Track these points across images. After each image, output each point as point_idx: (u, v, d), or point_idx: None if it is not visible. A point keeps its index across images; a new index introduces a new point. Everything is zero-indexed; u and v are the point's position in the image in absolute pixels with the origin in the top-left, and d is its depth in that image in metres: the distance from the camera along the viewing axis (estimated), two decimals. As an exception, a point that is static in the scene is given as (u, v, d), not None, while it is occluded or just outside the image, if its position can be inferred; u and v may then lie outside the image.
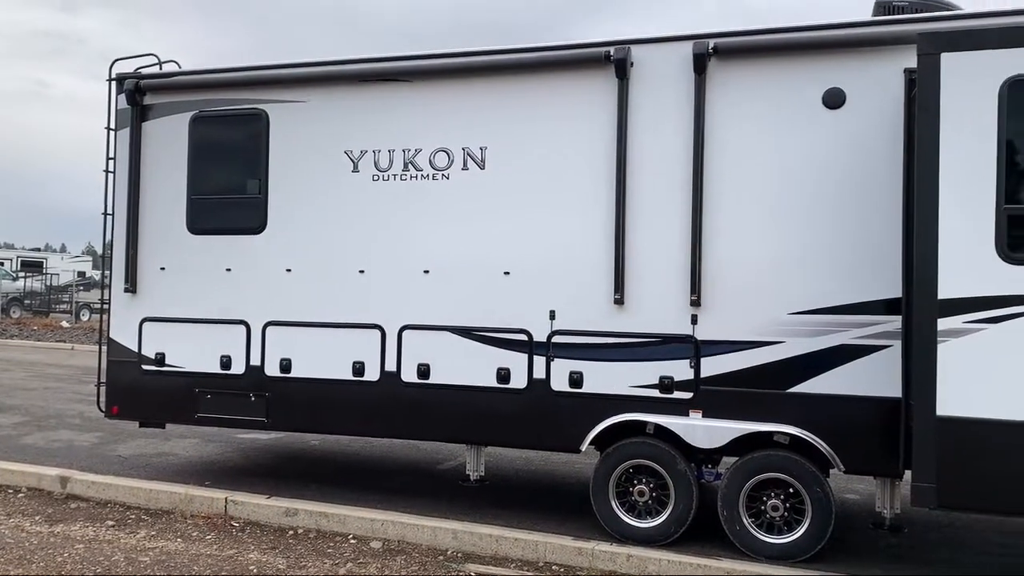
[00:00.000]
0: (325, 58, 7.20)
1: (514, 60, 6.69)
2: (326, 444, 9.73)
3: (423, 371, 6.78)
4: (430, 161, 6.84)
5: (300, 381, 7.15)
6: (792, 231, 5.95)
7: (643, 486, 6.24)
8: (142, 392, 7.66)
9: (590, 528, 6.38)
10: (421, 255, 6.83)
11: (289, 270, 7.22)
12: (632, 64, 6.31)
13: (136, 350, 7.63)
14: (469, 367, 6.66)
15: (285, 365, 7.18)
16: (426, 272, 6.81)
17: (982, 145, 4.96)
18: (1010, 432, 4.88)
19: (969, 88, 4.99)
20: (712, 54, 6.08)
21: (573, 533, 6.35)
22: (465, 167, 6.75)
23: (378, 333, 6.91)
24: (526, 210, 6.58)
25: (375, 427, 7.20)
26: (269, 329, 7.25)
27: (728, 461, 6.21)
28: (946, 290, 5.00)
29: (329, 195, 7.12)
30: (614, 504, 6.29)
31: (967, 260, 4.96)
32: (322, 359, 7.07)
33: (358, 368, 6.95)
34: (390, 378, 6.87)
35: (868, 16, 6.32)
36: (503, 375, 6.57)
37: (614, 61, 6.28)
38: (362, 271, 6.99)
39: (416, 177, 6.88)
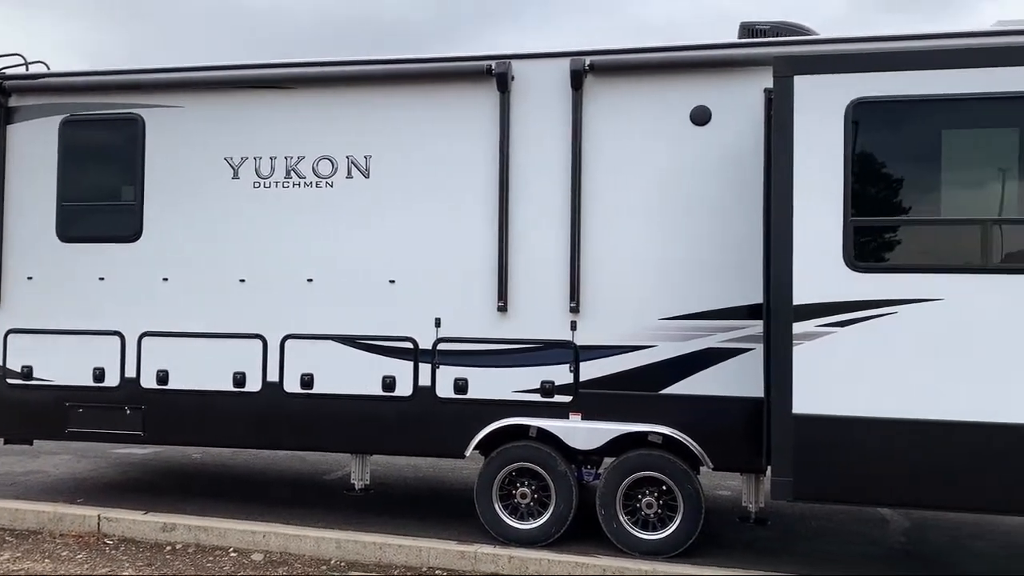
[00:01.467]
0: (203, 63, 7.07)
1: (398, 70, 6.75)
2: (208, 457, 9.49)
3: (307, 381, 6.74)
4: (313, 169, 6.82)
5: (178, 393, 6.97)
6: (663, 240, 6.24)
7: (525, 488, 6.40)
8: (7, 407, 7.28)
9: (475, 532, 6.48)
10: (304, 263, 6.79)
11: (166, 279, 7.03)
12: (513, 78, 6.49)
13: (0, 364, 7.26)
14: (354, 376, 6.66)
15: (162, 377, 6.99)
16: (309, 281, 6.78)
17: (831, 161, 5.36)
18: (859, 427, 5.29)
19: (819, 108, 5.39)
20: (588, 71, 6.32)
21: (457, 538, 6.44)
22: (349, 175, 6.76)
23: (260, 343, 6.82)
24: (411, 219, 6.65)
25: (258, 439, 7.09)
26: (145, 340, 7.04)
27: (609, 462, 6.45)
28: (800, 296, 5.37)
29: (208, 202, 6.99)
30: (497, 507, 6.42)
31: (818, 268, 5.35)
32: (201, 370, 6.91)
33: (239, 379, 6.83)
34: (272, 388, 6.79)
35: (734, 38, 6.71)
36: (388, 383, 6.60)
37: (495, 75, 6.44)
38: (243, 280, 6.89)
39: (299, 185, 6.85)
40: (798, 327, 5.37)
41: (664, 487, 6.16)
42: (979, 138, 5.38)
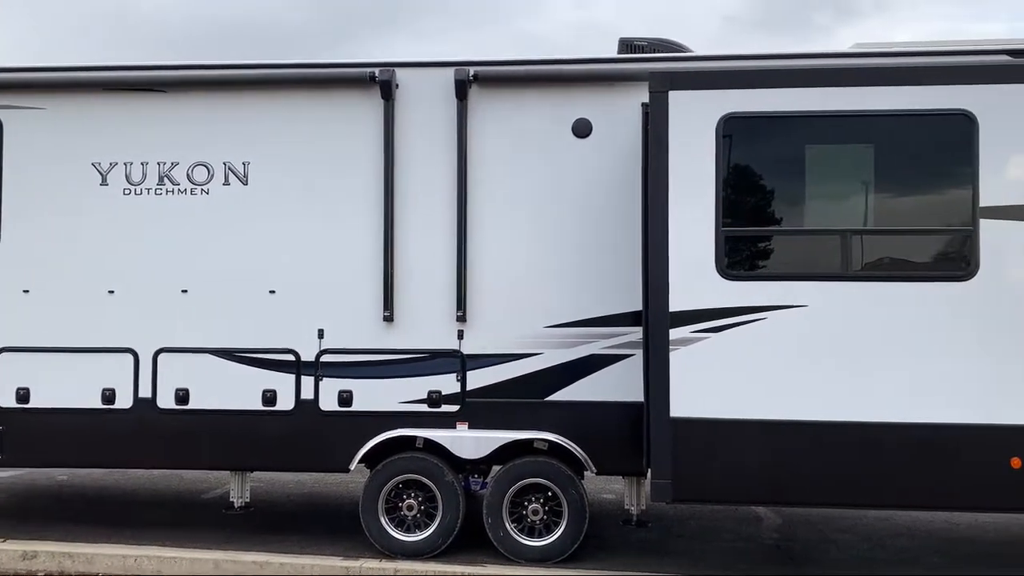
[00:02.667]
0: (67, 63, 6.71)
1: (279, 75, 6.60)
2: (76, 478, 8.96)
3: (181, 396, 6.46)
4: (188, 175, 6.57)
5: (41, 412, 6.54)
6: (548, 250, 6.33)
7: (412, 500, 6.33)
8: None
9: (361, 546, 6.37)
10: (179, 274, 6.52)
11: (27, 291, 6.60)
12: (398, 86, 6.45)
13: None
14: (232, 390, 6.44)
15: (23, 395, 6.55)
16: (184, 292, 6.51)
17: (704, 173, 5.58)
18: (733, 429, 5.51)
19: (693, 122, 5.60)
20: (473, 81, 6.36)
21: (343, 553, 6.31)
22: (226, 182, 6.55)
23: (131, 357, 6.50)
24: (292, 227, 6.49)
25: (130, 458, 6.75)
26: (3, 356, 6.58)
27: (497, 470, 6.46)
28: (676, 303, 5.56)
29: (74, 210, 6.61)
30: (383, 520, 6.32)
31: (693, 276, 5.55)
32: (66, 387, 6.51)
33: (108, 395, 6.49)
34: (145, 405, 6.48)
35: (614, 53, 6.90)
36: (269, 397, 6.42)
37: (379, 82, 6.38)
38: (112, 291, 6.55)
39: (173, 192, 6.58)
40: (674, 333, 5.55)
41: (550, 493, 6.22)
42: (839, 153, 5.72)
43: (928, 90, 5.40)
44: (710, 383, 5.53)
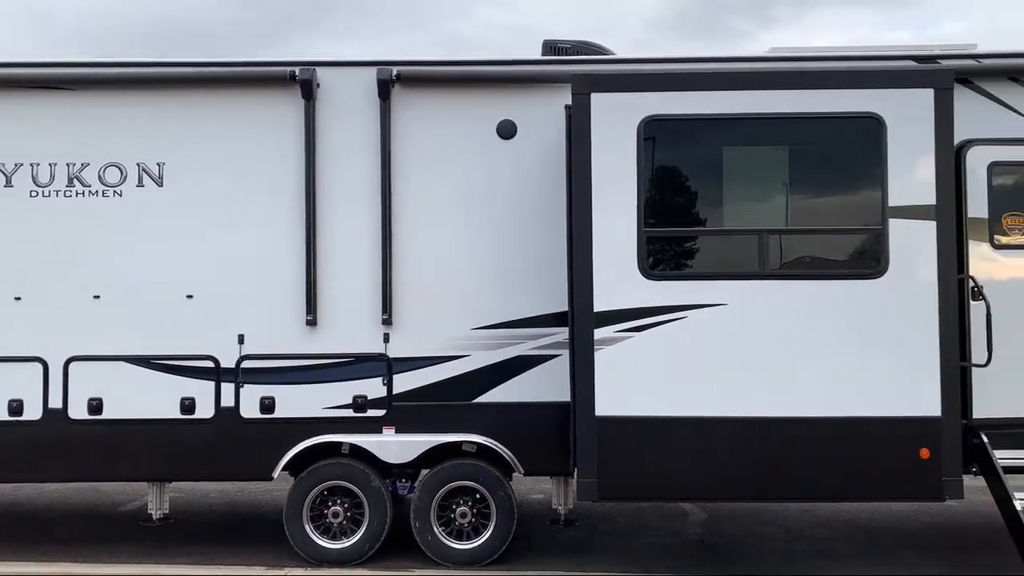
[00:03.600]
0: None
1: (194, 74, 6.43)
2: (-17, 495, 8.54)
3: (95, 406, 6.22)
4: (100, 177, 6.33)
5: (-59, 426, 6.23)
6: (473, 251, 6.31)
7: (338, 507, 6.23)
8: None
9: (286, 555, 6.25)
10: (90, 279, 6.28)
11: (-76, 299, 6.27)
12: (319, 86, 6.34)
13: None
14: (149, 399, 6.23)
15: (-79, 408, 6.22)
16: (97, 297, 6.27)
17: (625, 175, 5.63)
18: (656, 427, 5.58)
19: (615, 124, 5.64)
20: (396, 81, 6.29)
21: (268, 562, 6.19)
22: (140, 184, 6.33)
23: (39, 367, 6.22)
24: (210, 230, 6.32)
25: (40, 471, 6.46)
26: (-102, 367, 6.23)
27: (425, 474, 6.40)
28: (600, 303, 5.60)
29: (-25, 213, 6.31)
30: (308, 528, 6.21)
31: (616, 276, 5.60)
32: (-31, 399, 6.21)
33: (15, 407, 6.20)
34: (55, 416, 6.21)
35: (539, 55, 6.91)
36: (188, 405, 6.23)
37: (299, 82, 6.26)
38: (18, 298, 6.26)
39: (83, 194, 6.33)
40: (599, 333, 5.59)
41: (478, 495, 6.20)
42: (756, 155, 5.84)
43: (840, 94, 5.56)
44: (634, 382, 5.58)
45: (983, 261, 5.93)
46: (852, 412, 5.51)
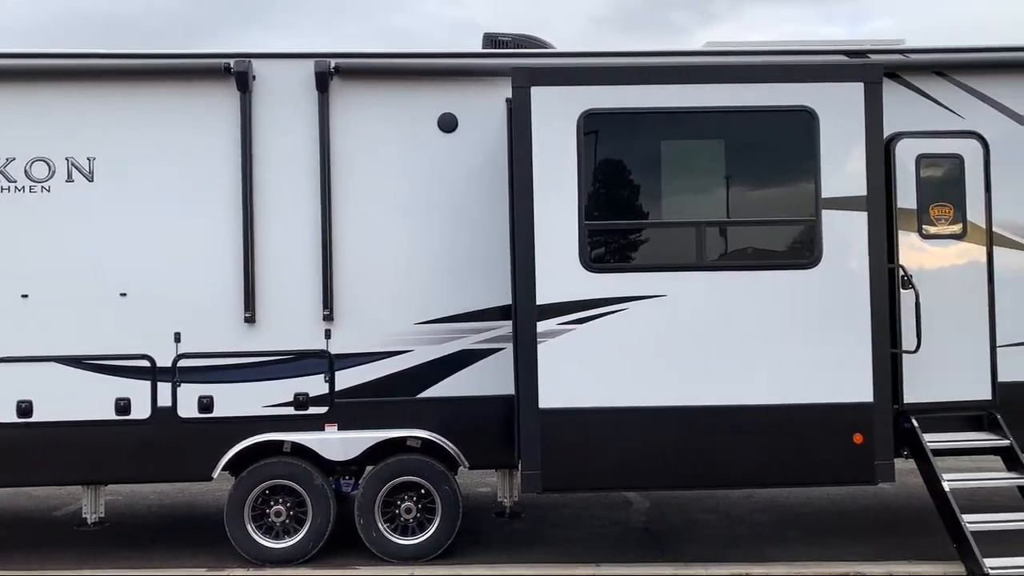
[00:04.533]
0: None
1: (126, 66, 6.26)
2: (-93, 504, 8.21)
3: (24, 408, 6.02)
4: (26, 172, 6.12)
5: None
6: (416, 245, 6.27)
7: (280, 506, 6.14)
8: None
9: (228, 556, 6.15)
10: (18, 278, 6.07)
11: None
12: (255, 78, 6.22)
13: None
14: (82, 400, 6.06)
15: None
16: (24, 297, 6.06)
17: (566, 168, 5.65)
18: (599, 417, 5.62)
19: (555, 118, 5.66)
20: (334, 73, 6.21)
21: (209, 564, 6.08)
22: (70, 179, 6.14)
23: (-36, 369, 6.01)
24: (144, 226, 6.17)
25: (-33, 477, 6.24)
26: None
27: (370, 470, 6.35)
28: (543, 296, 5.62)
29: None
30: (250, 528, 6.11)
31: (558, 269, 5.62)
32: None
33: (-61, 411, 5.97)
34: (-18, 420, 6.00)
35: (479, 48, 6.89)
36: (123, 406, 6.07)
37: (235, 74, 6.14)
38: (-60, 298, 6.03)
39: (9, 189, 6.11)
40: (542, 326, 5.61)
41: (423, 490, 6.18)
42: (693, 148, 5.92)
43: (773, 88, 5.66)
44: (577, 373, 5.62)
45: (912, 251, 6.11)
46: (789, 399, 5.63)
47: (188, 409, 6.11)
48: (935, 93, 6.41)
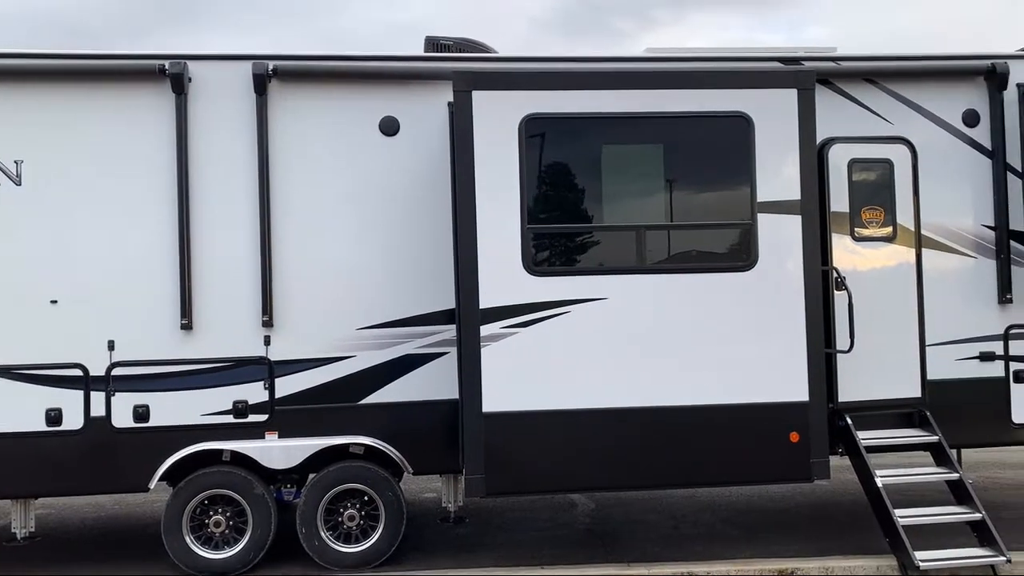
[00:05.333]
0: None
1: (57, 66, 6.08)
2: None
3: (-52, 421, 5.80)
4: (-52, 176, 5.90)
5: None
6: (357, 250, 6.21)
7: (220, 516, 6.02)
8: None
9: (167, 568, 6.00)
10: (-60, 285, 5.85)
11: None
12: (191, 80, 6.11)
13: None
14: (10, 411, 5.87)
15: None
16: (-52, 305, 5.85)
17: (508, 172, 5.67)
18: (542, 420, 5.65)
19: (496, 122, 5.67)
20: (272, 75, 6.13)
21: (145, 578, 5.92)
22: (-5, 183, 5.95)
23: None
24: (76, 231, 6.00)
25: None
26: None
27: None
28: (486, 300, 5.62)
29: None
30: (188, 539, 5.98)
31: (501, 273, 5.63)
32: None
33: None
34: (-98, 433, 5.76)
35: (421, 52, 6.86)
36: (54, 416, 5.89)
37: (170, 75, 6.01)
38: None
39: (-69, 194, 5.89)
40: (485, 330, 5.61)
41: (366, 497, 6.12)
42: (633, 153, 5.99)
43: (711, 94, 5.76)
44: (520, 377, 5.63)
45: (845, 253, 6.28)
46: (728, 400, 5.74)
47: (123, 419, 5.95)
48: (866, 100, 6.60)
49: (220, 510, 6.03)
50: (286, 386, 6.12)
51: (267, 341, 6.12)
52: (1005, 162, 6.66)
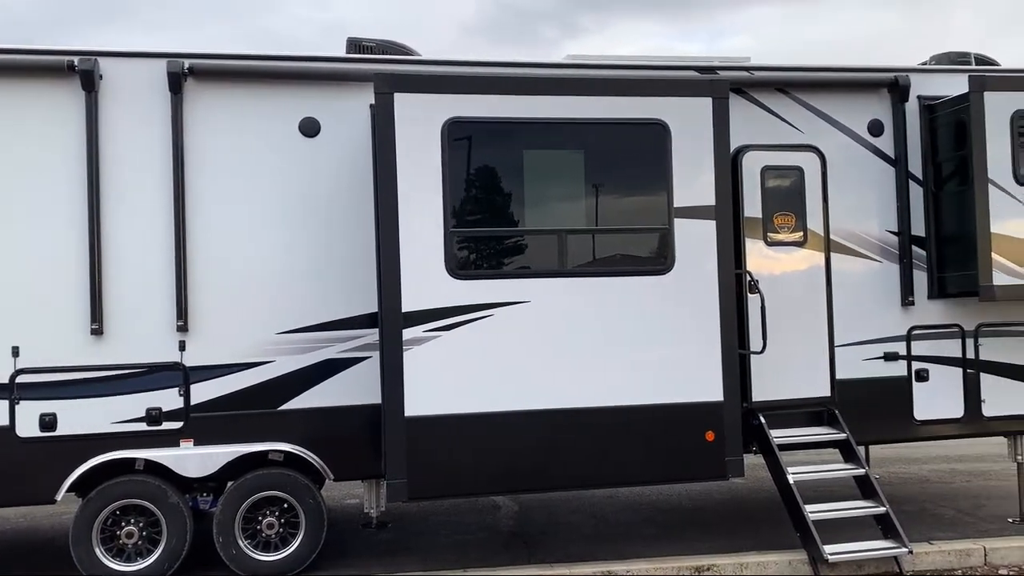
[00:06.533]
0: None
1: (-47, 61, 5.80)
2: None
3: None
4: None
5: None
6: (277, 253, 6.11)
7: (132, 527, 5.84)
8: None
9: (76, 583, 5.79)
10: None
11: None
12: (102, 77, 5.91)
13: None
14: (-96, 421, 5.57)
15: None
16: None
17: (431, 175, 5.67)
18: (465, 424, 5.65)
19: (419, 125, 5.66)
20: (188, 74, 5.98)
21: (52, 593, 5.69)
22: None
23: None
24: (-24, 233, 5.74)
25: None
26: None
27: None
28: (409, 304, 5.60)
29: None
30: (98, 551, 5.78)
31: (424, 276, 5.62)
32: None
33: None
34: None
35: (343, 53, 6.79)
36: (-47, 426, 5.62)
37: (79, 72, 5.81)
38: None
39: None
40: (407, 333, 5.60)
41: (286, 505, 6.02)
42: (554, 158, 6.06)
43: (629, 101, 5.88)
44: (443, 381, 5.63)
45: (758, 257, 6.49)
46: (647, 400, 5.86)
47: (28, 428, 5.72)
48: (778, 109, 6.83)
49: (133, 521, 5.85)
50: (202, 392, 5.97)
51: (182, 346, 5.96)
52: (907, 170, 6.98)
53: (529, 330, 5.73)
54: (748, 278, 6.37)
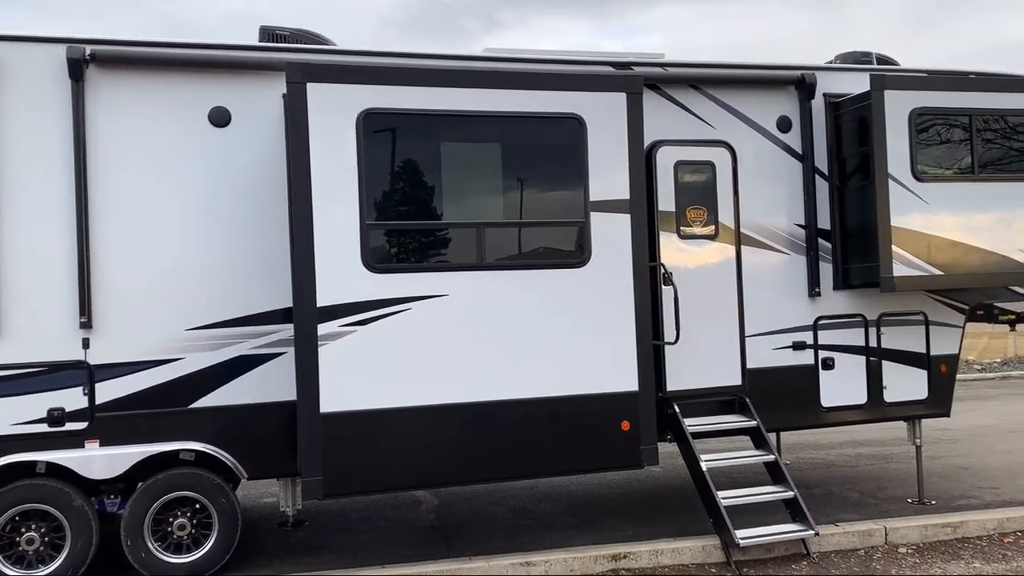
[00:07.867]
0: None
1: None
2: None
3: None
4: None
5: None
6: (186, 246, 5.94)
7: (32, 533, 5.59)
8: None
9: (-31, 595, 5.51)
10: None
11: None
12: (-5, 62, 5.63)
13: None
14: None
15: None
16: None
17: (346, 167, 5.57)
18: (382, 419, 5.59)
19: (333, 116, 5.56)
20: (90, 60, 5.74)
21: (-56, 606, 5.41)
22: None
23: None
24: None
25: None
26: None
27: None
28: (324, 298, 5.51)
29: None
30: (-4, 560, 5.53)
31: (339, 270, 5.53)
32: None
33: None
34: None
35: (256, 41, 6.62)
36: None
37: (-30, 57, 5.52)
38: None
39: None
40: (323, 328, 5.51)
41: (198, 505, 5.87)
42: (471, 151, 6.04)
43: (546, 95, 5.90)
44: (359, 376, 5.56)
45: (672, 250, 6.63)
46: (564, 391, 5.90)
47: (-84, 432, 5.42)
48: (691, 105, 6.97)
49: (34, 526, 5.60)
50: (108, 391, 5.76)
51: (86, 344, 5.74)
52: (814, 166, 7.23)
53: (447, 324, 5.71)
54: (662, 270, 6.49)
